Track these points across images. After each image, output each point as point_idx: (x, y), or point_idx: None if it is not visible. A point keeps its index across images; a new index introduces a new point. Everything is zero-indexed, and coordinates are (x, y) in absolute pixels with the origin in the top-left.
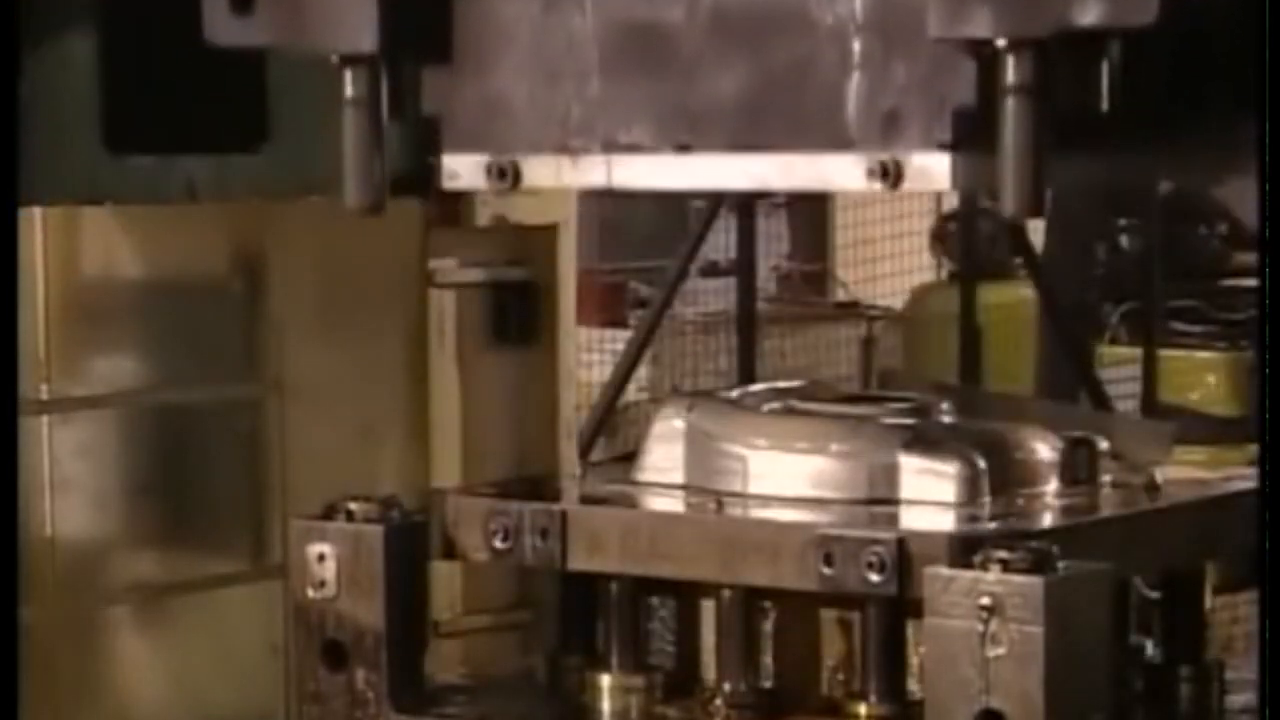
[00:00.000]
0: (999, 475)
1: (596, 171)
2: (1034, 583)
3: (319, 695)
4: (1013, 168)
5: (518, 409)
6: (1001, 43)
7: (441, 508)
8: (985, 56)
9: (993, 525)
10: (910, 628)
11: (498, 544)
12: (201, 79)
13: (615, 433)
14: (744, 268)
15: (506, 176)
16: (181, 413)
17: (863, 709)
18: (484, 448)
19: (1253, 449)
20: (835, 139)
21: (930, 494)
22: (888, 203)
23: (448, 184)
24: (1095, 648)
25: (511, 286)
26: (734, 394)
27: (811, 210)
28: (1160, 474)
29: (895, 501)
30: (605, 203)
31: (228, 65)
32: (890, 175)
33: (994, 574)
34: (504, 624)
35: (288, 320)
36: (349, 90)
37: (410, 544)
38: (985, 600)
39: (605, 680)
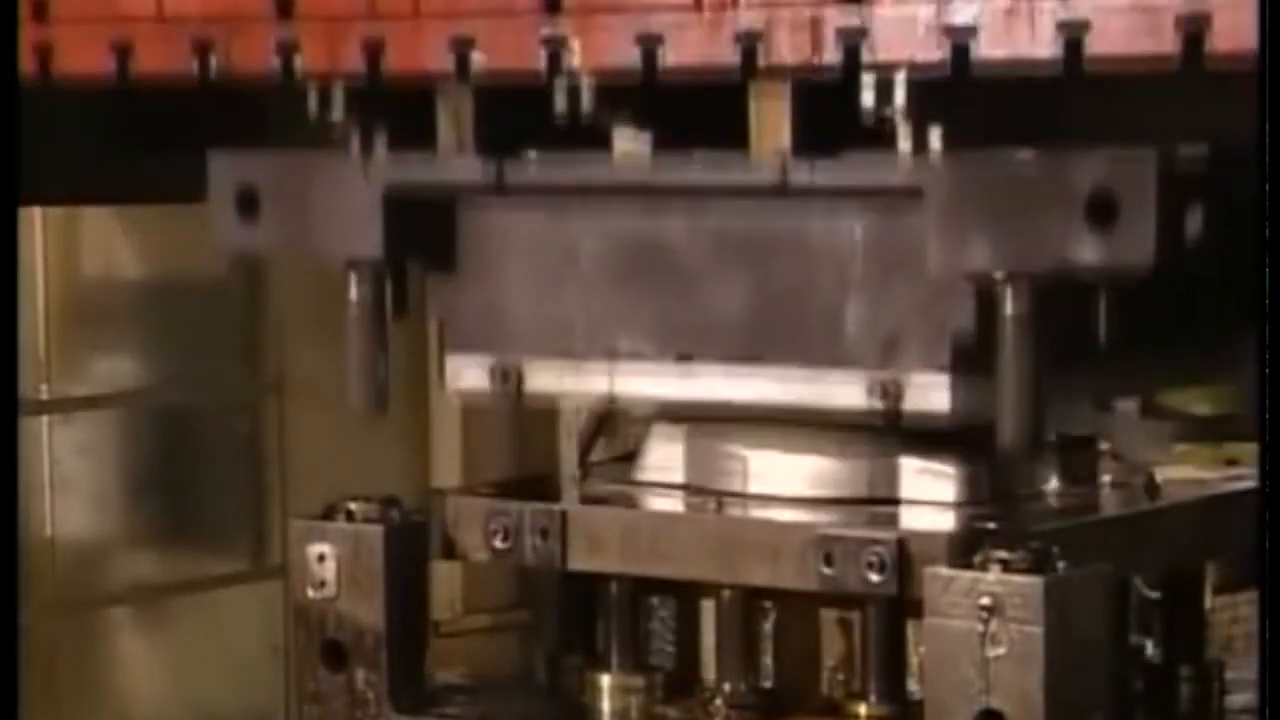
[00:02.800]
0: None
1: (599, 380)
2: (1034, 583)
3: (319, 695)
4: (1011, 396)
5: (518, 409)
6: (1000, 276)
7: (441, 508)
8: (984, 285)
9: (993, 525)
10: (910, 628)
11: (498, 544)
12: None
13: (615, 433)
14: None
15: (510, 381)
16: (181, 413)
17: (863, 709)
18: (484, 448)
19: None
20: (835, 358)
21: (930, 494)
22: None
23: (451, 384)
24: (1095, 648)
25: None
26: None
27: None
28: (1160, 474)
29: (896, 501)
30: None
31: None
32: (890, 396)
33: (994, 574)
34: (504, 624)
35: (288, 320)
36: (354, 293)
37: (410, 544)
38: (985, 600)
39: (605, 680)
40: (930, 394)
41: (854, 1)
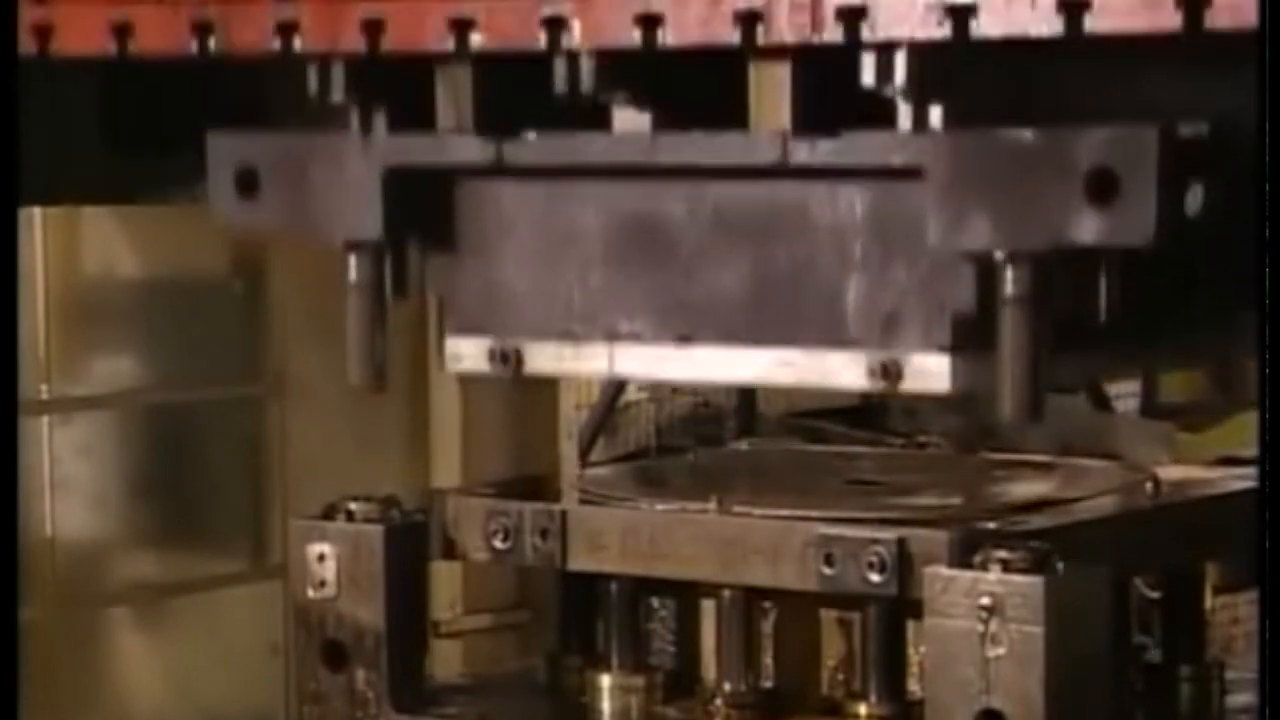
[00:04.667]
0: None
1: (598, 360)
2: (1034, 583)
3: (319, 695)
4: (1011, 374)
5: (518, 409)
6: (1000, 255)
7: (441, 508)
8: (984, 264)
9: (993, 525)
10: (910, 628)
11: (498, 544)
12: (202, 78)
13: (615, 433)
14: None
15: (509, 362)
16: (181, 413)
17: (863, 709)
18: (484, 448)
19: None
20: (835, 337)
21: None
22: None
23: (451, 366)
24: (1095, 648)
25: None
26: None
27: None
28: (1160, 474)
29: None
30: None
31: (228, 65)
32: (890, 376)
33: (994, 574)
34: (504, 624)
35: (288, 320)
36: (353, 274)
37: (410, 544)
38: (985, 600)
39: (605, 680)
40: (930, 373)
41: None
